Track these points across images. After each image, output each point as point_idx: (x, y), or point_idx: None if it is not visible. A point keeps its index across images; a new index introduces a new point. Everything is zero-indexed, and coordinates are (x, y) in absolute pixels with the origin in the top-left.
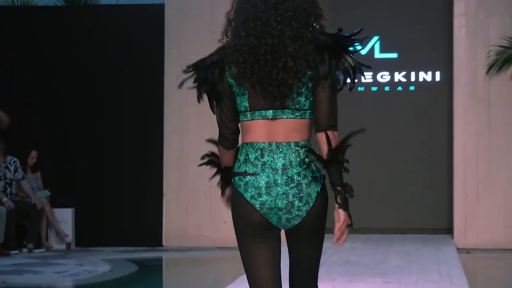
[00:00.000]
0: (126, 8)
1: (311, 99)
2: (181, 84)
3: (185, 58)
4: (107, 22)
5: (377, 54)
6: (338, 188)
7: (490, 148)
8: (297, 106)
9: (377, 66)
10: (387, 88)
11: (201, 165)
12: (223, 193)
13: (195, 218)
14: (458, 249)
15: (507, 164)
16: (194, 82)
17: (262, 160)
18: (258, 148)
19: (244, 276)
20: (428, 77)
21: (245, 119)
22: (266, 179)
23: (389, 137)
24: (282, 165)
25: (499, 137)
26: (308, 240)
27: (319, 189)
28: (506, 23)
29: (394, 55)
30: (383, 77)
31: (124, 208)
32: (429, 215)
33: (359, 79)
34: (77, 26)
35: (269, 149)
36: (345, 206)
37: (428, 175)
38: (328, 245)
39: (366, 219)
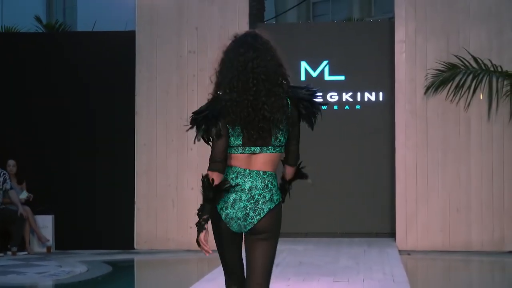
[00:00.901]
0: (101, 34)
1: (286, 137)
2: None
3: (154, 79)
4: (83, 47)
5: (327, 77)
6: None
7: (427, 160)
8: (278, 143)
9: (326, 87)
10: (335, 107)
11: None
12: (199, 230)
13: (163, 224)
14: (399, 251)
15: (443, 175)
16: (196, 129)
17: (236, 181)
18: (235, 172)
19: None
20: (372, 97)
21: (235, 153)
22: (233, 196)
23: (337, 151)
24: (249, 187)
25: (435, 151)
26: (261, 242)
27: (271, 207)
28: (442, 47)
29: (341, 78)
30: (332, 97)
31: (99, 215)
32: (374, 221)
33: (310, 85)
34: (56, 50)
35: (243, 174)
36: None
37: (373, 184)
38: (282, 248)
39: (317, 224)
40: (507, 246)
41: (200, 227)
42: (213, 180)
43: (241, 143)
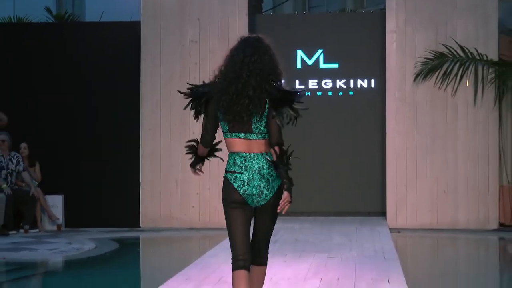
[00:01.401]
0: (108, 25)
1: (264, 128)
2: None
3: (158, 67)
4: (92, 36)
5: (321, 65)
6: (284, 180)
7: (416, 144)
8: (258, 131)
9: (321, 74)
10: (330, 93)
11: (186, 148)
12: (192, 165)
13: (167, 203)
14: (390, 229)
15: (431, 158)
16: (187, 97)
17: (245, 164)
18: (242, 156)
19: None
20: (365, 84)
21: (227, 137)
22: (247, 176)
23: (332, 135)
24: (258, 168)
25: (424, 136)
26: (267, 216)
27: (279, 184)
28: (430, 37)
29: (335, 65)
30: (327, 84)
31: (107, 195)
32: (366, 201)
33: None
34: (64, 39)
35: (249, 157)
36: (288, 189)
37: (365, 167)
38: (280, 226)
39: (313, 204)
40: (491, 225)
41: (192, 166)
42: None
43: (227, 128)
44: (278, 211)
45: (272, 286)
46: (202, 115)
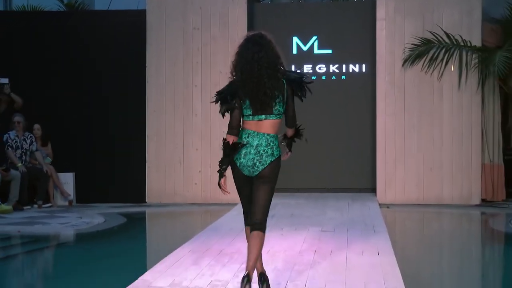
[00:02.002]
0: (116, 12)
1: (283, 107)
2: (213, 102)
3: (163, 53)
4: (101, 24)
5: (316, 50)
6: (289, 147)
7: (404, 125)
8: (277, 112)
9: (315, 60)
10: (324, 78)
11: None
12: (221, 175)
13: (171, 181)
14: (379, 204)
15: (418, 138)
16: (220, 102)
17: (247, 139)
18: (247, 133)
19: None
20: (356, 68)
21: (247, 120)
22: (245, 150)
23: (325, 117)
24: (256, 144)
25: (412, 117)
26: (263, 184)
27: (272, 160)
28: (418, 25)
29: (329, 51)
30: (321, 68)
31: (115, 173)
32: (357, 178)
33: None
34: (74, 27)
35: (253, 134)
36: (290, 150)
37: (356, 146)
38: (276, 201)
39: (308, 181)
40: (474, 200)
41: (221, 174)
42: (230, 142)
43: (251, 112)
44: (283, 159)
45: (270, 258)
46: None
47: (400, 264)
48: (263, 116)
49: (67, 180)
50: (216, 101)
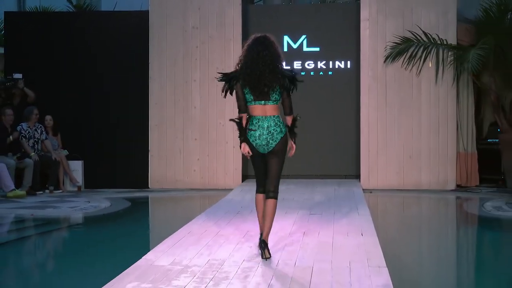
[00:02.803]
0: (121, 13)
1: (280, 96)
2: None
3: (164, 50)
4: (107, 24)
5: (305, 48)
6: (293, 138)
7: (386, 117)
8: (274, 99)
9: (304, 57)
10: (312, 73)
11: (231, 120)
12: (241, 141)
13: (172, 168)
14: (363, 189)
15: (398, 128)
16: (221, 81)
17: (258, 124)
18: (257, 119)
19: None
20: (342, 65)
21: (251, 104)
22: (259, 132)
23: (314, 109)
24: (267, 126)
25: (393, 109)
26: (275, 157)
27: (282, 136)
28: (398, 24)
29: (317, 49)
30: (309, 65)
31: (121, 161)
32: (343, 165)
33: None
34: (84, 26)
35: (262, 119)
36: (295, 142)
37: (342, 136)
38: None
39: (297, 168)
40: (449, 186)
41: (240, 142)
42: (241, 119)
43: (252, 98)
44: (289, 156)
45: None
46: (228, 92)
47: (382, 244)
48: (263, 102)
49: (76, 167)
50: (220, 79)
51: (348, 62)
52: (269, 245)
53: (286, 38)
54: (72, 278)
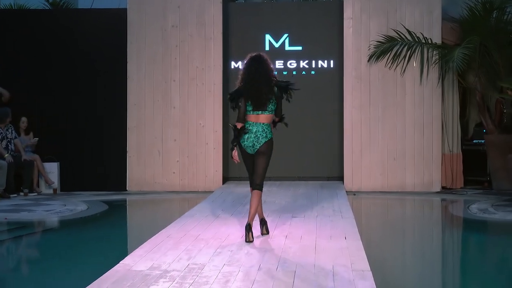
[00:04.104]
0: (98, 11)
1: (275, 106)
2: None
3: (143, 49)
4: (84, 22)
5: (287, 47)
6: (274, 125)
7: (370, 117)
8: (269, 109)
9: (287, 56)
10: (294, 73)
11: (231, 125)
12: (233, 145)
13: (150, 170)
14: (346, 191)
15: (382, 129)
16: (230, 100)
17: (249, 128)
18: (249, 123)
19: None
20: (325, 64)
21: (250, 113)
22: (247, 135)
23: (296, 110)
24: (255, 131)
25: (376, 109)
26: (260, 158)
27: (266, 140)
28: (382, 23)
29: (299, 48)
30: (291, 64)
31: (98, 163)
32: (326, 167)
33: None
34: (61, 24)
35: (253, 124)
36: (274, 126)
37: (325, 137)
38: (249, 189)
39: (279, 170)
40: (434, 188)
41: (232, 147)
42: (238, 127)
43: (251, 109)
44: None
45: (243, 242)
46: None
47: (366, 248)
48: (260, 112)
49: (52, 169)
50: (229, 100)
51: (331, 61)
52: (250, 250)
53: (267, 37)
54: (47, 285)
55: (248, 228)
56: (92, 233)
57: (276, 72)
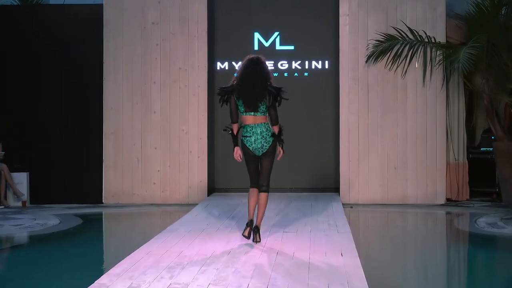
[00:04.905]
0: (72, 7)
1: (266, 109)
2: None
3: (121, 48)
4: (56, 18)
5: (278, 46)
6: (280, 144)
7: (368, 123)
8: (261, 111)
9: (277, 56)
10: (286, 74)
11: (224, 130)
12: (235, 146)
13: (129, 180)
14: (343, 204)
15: (382, 135)
16: (219, 95)
17: (252, 131)
18: (250, 126)
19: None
20: (319, 65)
21: (243, 115)
22: (254, 137)
23: (288, 115)
24: (260, 132)
25: (375, 114)
26: (267, 157)
27: (273, 139)
28: (380, 20)
29: (291, 47)
30: (283, 65)
31: (71, 172)
32: (320, 177)
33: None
34: (28, 21)
35: (254, 126)
36: (282, 148)
37: (319, 145)
38: (237, 202)
39: (270, 180)
40: (439, 200)
41: (234, 147)
42: (232, 129)
43: (244, 110)
44: (278, 159)
45: (230, 259)
46: (223, 103)
47: (364, 266)
48: (253, 113)
49: (21, 180)
50: (218, 94)
51: (326, 62)
52: (238, 267)
53: (256, 35)
54: None
55: (256, 230)
56: (65, 250)
57: (276, 74)
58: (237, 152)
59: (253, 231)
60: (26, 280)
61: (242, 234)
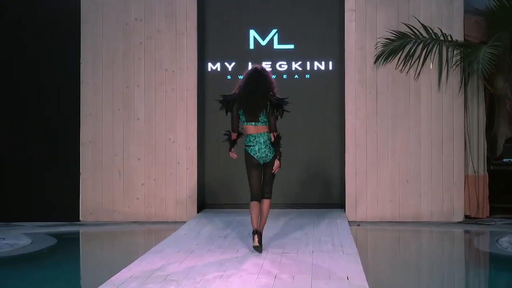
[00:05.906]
0: (44, 1)
1: (266, 119)
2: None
3: (100, 47)
4: (28, 14)
5: (276, 45)
6: (277, 154)
7: (377, 131)
8: (262, 121)
9: (275, 56)
10: (285, 76)
11: (224, 134)
12: (230, 149)
13: (109, 195)
14: (349, 222)
15: (392, 145)
16: (220, 103)
17: (255, 140)
18: (253, 136)
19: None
20: (322, 66)
21: (244, 124)
22: (258, 147)
23: (287, 121)
24: (263, 141)
25: (385, 120)
26: (270, 167)
27: (273, 148)
28: (391, 16)
29: (291, 46)
30: (281, 66)
31: (44, 186)
32: (323, 191)
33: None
34: (4, 12)
35: (257, 136)
36: (279, 160)
37: (322, 155)
38: (231, 219)
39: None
40: (456, 217)
41: (230, 149)
42: (231, 135)
43: (245, 119)
44: (273, 172)
45: (223, 283)
46: (226, 112)
47: None
48: (253, 123)
49: None
50: (220, 101)
51: (330, 63)
52: None
53: (252, 33)
54: None
55: (255, 232)
56: (38, 273)
57: (274, 76)
58: (233, 152)
59: (257, 238)
60: None
61: (253, 246)
